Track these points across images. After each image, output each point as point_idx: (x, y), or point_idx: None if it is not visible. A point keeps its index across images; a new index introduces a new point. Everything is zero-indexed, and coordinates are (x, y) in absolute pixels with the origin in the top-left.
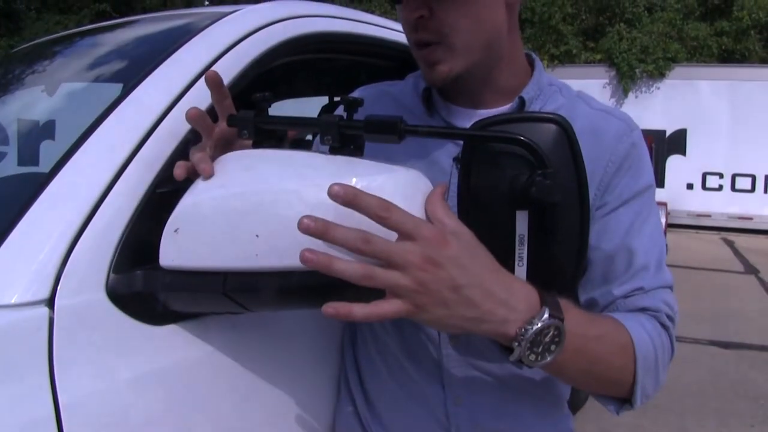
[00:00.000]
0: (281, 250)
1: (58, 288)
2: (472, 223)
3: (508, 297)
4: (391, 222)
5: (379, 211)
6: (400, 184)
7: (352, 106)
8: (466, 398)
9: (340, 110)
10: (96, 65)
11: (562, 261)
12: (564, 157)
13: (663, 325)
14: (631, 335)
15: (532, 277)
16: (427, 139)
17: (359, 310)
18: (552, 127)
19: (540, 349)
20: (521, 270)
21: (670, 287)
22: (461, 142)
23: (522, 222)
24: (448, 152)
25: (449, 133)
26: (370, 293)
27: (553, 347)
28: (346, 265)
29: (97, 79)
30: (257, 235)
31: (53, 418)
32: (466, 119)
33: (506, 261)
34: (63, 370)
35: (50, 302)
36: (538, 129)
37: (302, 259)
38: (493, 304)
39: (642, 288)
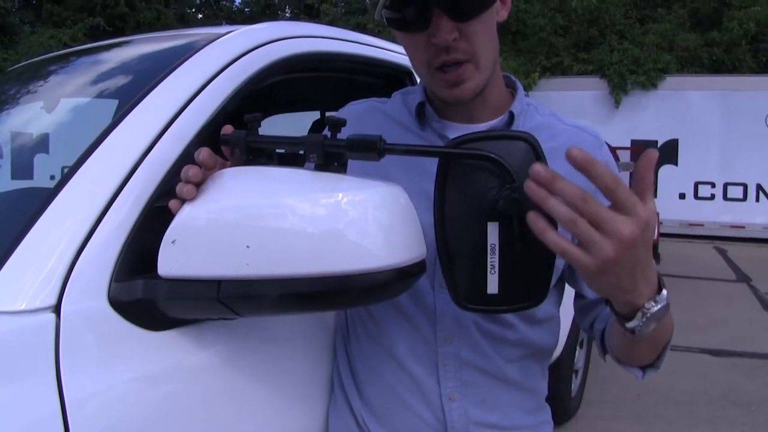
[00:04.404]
0: (270, 260)
1: (64, 295)
2: (447, 233)
3: (651, 276)
4: (617, 195)
5: (610, 183)
6: (382, 198)
7: (336, 126)
8: (459, 394)
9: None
10: (94, 84)
11: (532, 269)
12: None
13: None
14: None
15: (504, 284)
16: None
17: (553, 236)
18: (521, 144)
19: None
20: (493, 278)
21: None
22: None
23: (493, 233)
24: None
25: (425, 151)
26: (367, 298)
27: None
28: (556, 203)
29: (96, 97)
30: (248, 246)
31: (60, 417)
32: (461, 133)
33: (480, 268)
34: (69, 372)
35: (56, 309)
36: (508, 146)
37: (528, 187)
38: (643, 282)
39: None
